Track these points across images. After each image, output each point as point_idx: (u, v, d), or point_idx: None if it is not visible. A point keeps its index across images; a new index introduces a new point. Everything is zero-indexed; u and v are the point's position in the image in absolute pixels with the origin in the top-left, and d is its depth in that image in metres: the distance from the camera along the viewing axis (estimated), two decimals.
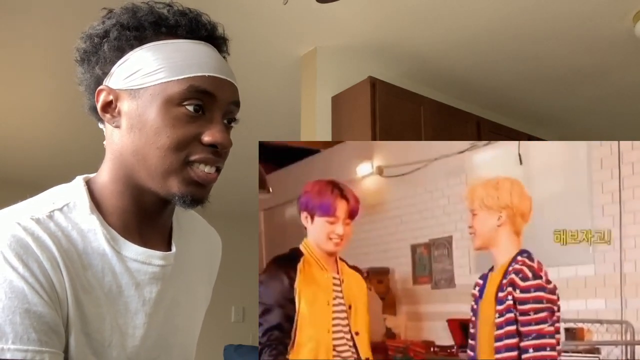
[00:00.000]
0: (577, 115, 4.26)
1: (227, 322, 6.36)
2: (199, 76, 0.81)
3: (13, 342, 0.70)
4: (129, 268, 0.83)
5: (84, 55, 0.87)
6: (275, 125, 4.22)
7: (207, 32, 0.87)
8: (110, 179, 0.85)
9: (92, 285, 0.80)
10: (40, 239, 0.76)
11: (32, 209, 0.80)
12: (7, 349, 0.70)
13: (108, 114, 0.85)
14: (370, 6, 2.89)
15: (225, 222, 5.39)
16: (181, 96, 0.81)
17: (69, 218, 0.81)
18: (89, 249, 0.81)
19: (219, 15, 0.95)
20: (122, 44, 0.83)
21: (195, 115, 0.81)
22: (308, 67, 3.31)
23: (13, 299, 0.71)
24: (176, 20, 0.84)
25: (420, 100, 3.29)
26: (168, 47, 0.83)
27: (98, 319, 0.80)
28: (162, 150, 0.80)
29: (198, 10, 0.88)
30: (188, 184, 0.82)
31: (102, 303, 0.81)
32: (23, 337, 0.71)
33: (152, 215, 0.88)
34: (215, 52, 0.87)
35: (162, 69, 0.81)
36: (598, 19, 3.01)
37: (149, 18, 0.83)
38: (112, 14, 0.86)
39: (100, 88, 0.84)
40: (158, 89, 0.81)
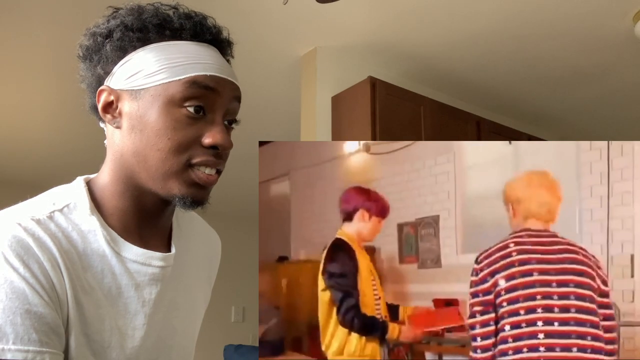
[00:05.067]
0: (577, 115, 4.26)
1: (227, 322, 6.36)
2: (200, 75, 0.81)
3: (14, 342, 0.70)
4: (128, 269, 0.83)
5: (86, 52, 0.87)
6: (275, 125, 4.22)
7: (212, 36, 0.87)
8: (110, 180, 0.85)
9: (92, 286, 0.80)
10: (41, 240, 0.76)
11: (32, 210, 0.80)
12: (7, 350, 0.70)
13: (109, 114, 0.84)
14: (370, 6, 2.89)
15: (225, 222, 5.41)
16: (182, 95, 0.80)
17: (69, 219, 0.81)
18: (89, 249, 0.81)
19: (219, 15, 0.95)
20: (124, 45, 0.83)
21: (196, 117, 0.81)
22: (308, 67, 3.31)
23: (14, 300, 0.71)
24: (181, 23, 0.84)
25: (420, 100, 3.29)
26: (170, 49, 0.82)
27: (98, 320, 0.80)
28: (163, 153, 0.80)
29: (203, 14, 0.88)
30: (189, 185, 0.82)
31: (101, 304, 0.81)
32: (24, 337, 0.71)
33: (152, 216, 0.88)
34: (217, 54, 0.87)
35: (164, 70, 0.81)
36: (598, 19, 3.01)
37: (154, 20, 0.83)
38: (117, 13, 0.86)
39: (101, 88, 0.84)
40: (159, 89, 0.81)
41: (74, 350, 0.77)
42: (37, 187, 0.93)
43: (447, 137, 3.29)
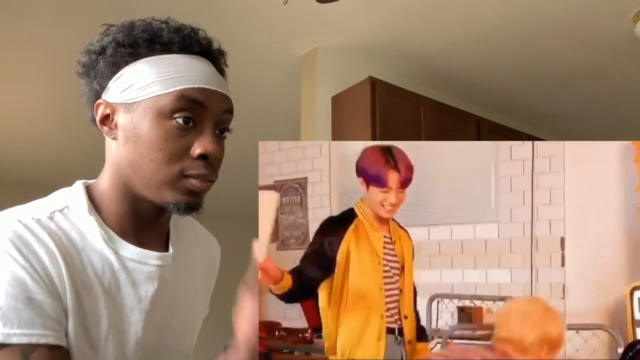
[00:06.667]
0: (577, 115, 4.26)
1: (227, 322, 6.35)
2: (189, 88, 0.84)
3: (19, 327, 0.74)
4: (126, 267, 0.87)
5: (83, 69, 0.91)
6: (275, 125, 4.23)
7: (201, 47, 0.89)
8: (108, 186, 0.89)
9: (92, 281, 0.83)
10: (39, 237, 0.80)
11: (34, 211, 0.83)
12: (13, 334, 0.74)
13: (106, 126, 0.88)
14: (371, 6, 2.89)
15: (225, 222, 5.40)
16: (171, 108, 0.83)
17: (69, 219, 0.85)
18: (89, 247, 0.84)
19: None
20: (117, 60, 0.86)
21: (185, 128, 0.84)
22: (308, 67, 3.31)
23: (16, 288, 0.75)
24: (170, 37, 0.87)
25: (420, 100, 3.30)
26: (161, 62, 0.86)
27: (96, 314, 0.83)
28: (156, 163, 0.84)
29: (193, 26, 0.90)
30: (182, 193, 0.85)
31: (100, 299, 0.84)
32: (28, 322, 0.75)
33: (149, 221, 0.91)
34: (208, 66, 0.89)
35: (155, 83, 0.84)
36: (598, 19, 3.01)
37: (144, 35, 0.87)
38: (109, 30, 0.90)
39: (98, 102, 0.88)
40: (150, 102, 0.84)
41: (72, 341, 0.80)
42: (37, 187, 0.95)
43: (447, 137, 3.29)
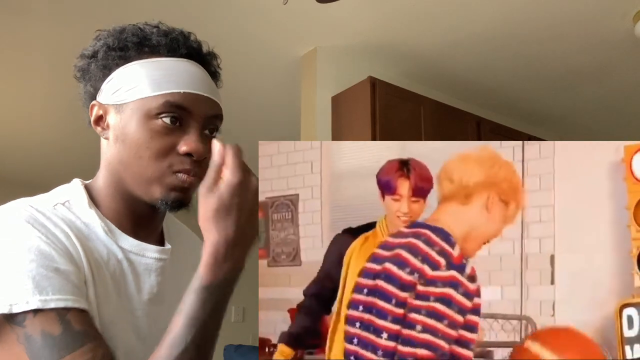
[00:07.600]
0: (577, 115, 4.26)
1: (227, 322, 6.34)
2: (175, 92, 0.87)
3: (53, 293, 0.77)
4: (128, 257, 0.91)
5: (78, 72, 0.95)
6: (275, 125, 4.22)
7: (188, 50, 0.92)
8: (104, 184, 0.93)
9: (100, 265, 0.87)
10: (52, 219, 0.84)
11: (36, 204, 0.86)
12: (50, 300, 0.77)
13: (99, 127, 0.93)
14: (370, 6, 2.89)
15: None
16: (157, 110, 0.87)
17: (72, 211, 0.88)
18: (93, 236, 0.88)
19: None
20: (108, 63, 0.91)
21: (171, 127, 0.87)
22: (308, 67, 3.31)
23: (43, 259, 0.78)
24: (158, 40, 0.90)
25: (420, 100, 3.29)
26: (150, 65, 0.89)
27: (104, 295, 0.86)
28: (144, 160, 0.87)
29: (183, 30, 0.94)
30: (171, 189, 0.88)
31: (108, 282, 0.87)
32: (60, 289, 0.78)
33: (145, 219, 0.95)
34: (196, 69, 0.92)
35: (142, 85, 0.88)
36: (598, 19, 3.01)
37: (133, 39, 0.91)
38: (101, 35, 0.94)
39: (92, 103, 0.93)
40: (138, 103, 0.88)
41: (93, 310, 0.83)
42: (37, 187, 0.98)
43: (447, 137, 3.29)
